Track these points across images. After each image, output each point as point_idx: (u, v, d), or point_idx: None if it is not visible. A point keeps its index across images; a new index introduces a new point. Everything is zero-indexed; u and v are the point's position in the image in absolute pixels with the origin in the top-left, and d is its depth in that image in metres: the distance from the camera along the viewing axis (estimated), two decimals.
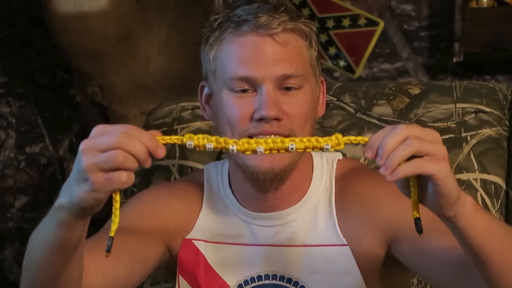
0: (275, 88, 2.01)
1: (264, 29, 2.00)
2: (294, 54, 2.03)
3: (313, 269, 2.11)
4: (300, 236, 2.13)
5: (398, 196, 2.01)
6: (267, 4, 2.03)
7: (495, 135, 2.55)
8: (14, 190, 4.02)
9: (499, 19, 3.42)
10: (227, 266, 2.17)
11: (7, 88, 4.02)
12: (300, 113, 2.04)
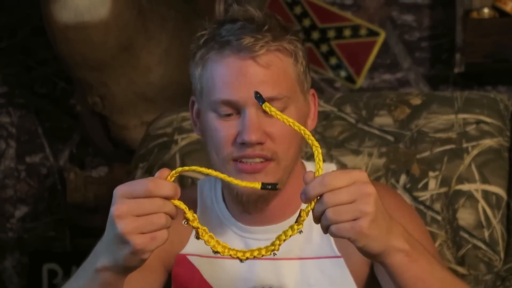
0: (258, 110, 2.00)
1: (246, 52, 1.99)
2: (278, 75, 2.01)
3: (308, 281, 2.12)
4: (295, 249, 2.13)
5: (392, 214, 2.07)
6: (251, 23, 2.00)
7: (496, 146, 2.55)
8: (14, 200, 4.02)
9: (500, 30, 3.42)
10: (222, 280, 2.17)
11: (8, 98, 4.02)
12: (284, 135, 2.03)
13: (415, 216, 2.22)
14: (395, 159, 2.58)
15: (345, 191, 1.67)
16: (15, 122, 4.03)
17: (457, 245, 2.48)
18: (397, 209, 2.09)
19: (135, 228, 1.66)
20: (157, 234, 1.69)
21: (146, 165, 2.74)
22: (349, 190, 1.67)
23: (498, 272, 2.48)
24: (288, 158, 2.06)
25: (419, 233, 2.09)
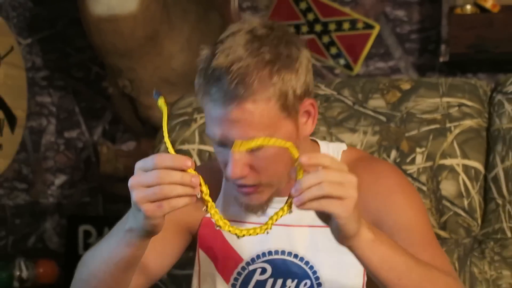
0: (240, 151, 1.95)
1: (223, 106, 1.92)
2: (254, 121, 1.93)
3: (317, 247, 2.10)
4: (306, 218, 2.10)
5: (390, 195, 2.08)
6: (227, 76, 1.90)
7: (475, 126, 2.54)
8: (54, 170, 4.03)
9: (481, 24, 3.40)
10: (241, 242, 2.14)
11: (48, 81, 4.02)
12: (267, 167, 1.98)
13: (414, 197, 2.14)
14: (387, 136, 2.56)
15: (338, 173, 1.70)
16: (55, 102, 4.03)
17: (440, 212, 2.48)
18: (397, 189, 2.09)
19: (143, 197, 1.69)
20: (163, 203, 1.71)
21: (169, 140, 2.74)
22: (341, 174, 1.71)
23: (475, 236, 2.48)
24: (275, 180, 2.02)
25: (414, 214, 2.08)
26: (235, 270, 2.15)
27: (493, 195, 2.49)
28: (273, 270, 2.13)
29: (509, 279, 2.37)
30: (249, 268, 2.14)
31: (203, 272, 2.19)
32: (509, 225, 2.44)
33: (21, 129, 3.83)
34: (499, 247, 2.43)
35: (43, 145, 4.01)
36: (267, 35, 1.95)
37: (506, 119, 2.52)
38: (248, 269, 2.14)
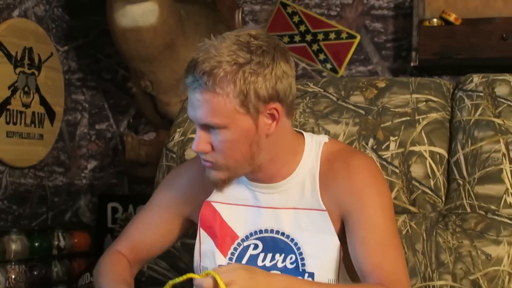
0: (204, 127, 1.99)
1: (193, 91, 1.96)
2: (209, 110, 1.95)
3: (300, 227, 2.08)
4: (291, 201, 2.10)
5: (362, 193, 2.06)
6: (196, 69, 1.94)
7: (440, 118, 2.53)
8: (87, 157, 4.02)
9: (445, 35, 3.39)
10: (237, 221, 2.14)
11: (82, 82, 4.00)
12: (222, 147, 1.99)
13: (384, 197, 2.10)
14: (365, 127, 2.54)
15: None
16: (88, 99, 4.01)
17: (410, 191, 2.46)
18: (369, 189, 2.06)
19: None
20: None
21: (182, 130, 2.72)
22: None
23: (440, 211, 2.47)
24: (230, 164, 2.02)
25: (381, 215, 2.04)
26: (232, 246, 2.14)
27: (455, 176, 2.47)
28: (263, 246, 2.11)
29: (468, 247, 2.36)
30: (244, 244, 2.13)
31: (203, 248, 2.17)
32: (469, 202, 2.42)
33: (59, 122, 3.82)
34: (460, 220, 2.41)
35: (78, 135, 4.00)
36: (248, 42, 1.95)
37: (466, 112, 2.51)
38: (243, 245, 2.13)
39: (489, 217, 2.39)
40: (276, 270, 2.07)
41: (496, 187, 2.41)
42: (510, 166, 2.41)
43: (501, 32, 3.30)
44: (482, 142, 2.46)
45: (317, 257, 2.06)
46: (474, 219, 2.40)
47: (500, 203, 2.39)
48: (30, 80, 3.61)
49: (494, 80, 2.53)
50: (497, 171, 2.42)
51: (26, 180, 3.66)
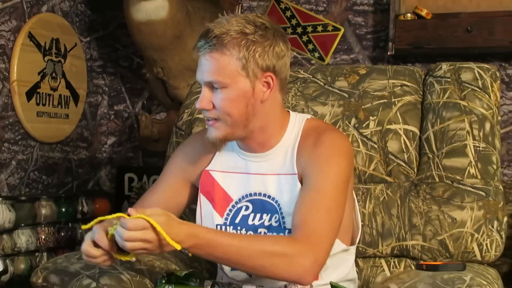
0: (209, 87, 2.02)
1: (201, 51, 2.00)
2: (215, 67, 1.98)
3: (282, 190, 2.09)
4: (275, 168, 2.10)
5: (320, 162, 2.05)
6: (209, 34, 1.98)
7: (413, 100, 2.52)
8: (107, 133, 4.01)
9: (418, 27, 3.38)
10: (231, 186, 2.15)
11: (102, 69, 3.99)
12: (222, 105, 2.01)
13: (339, 169, 2.06)
14: (348, 108, 2.53)
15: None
16: (107, 83, 4.00)
17: (387, 163, 2.46)
18: (328, 159, 2.04)
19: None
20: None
21: (189, 111, 2.72)
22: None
23: (412, 181, 2.47)
24: (230, 119, 2.03)
25: (330, 182, 2.01)
26: (227, 207, 2.15)
27: (425, 151, 2.47)
28: (253, 207, 2.12)
29: (436, 212, 2.37)
30: (237, 206, 2.13)
31: (203, 211, 2.18)
32: (437, 173, 2.42)
33: (82, 104, 3.82)
34: (430, 189, 2.41)
35: (98, 115, 3.99)
36: (254, 20, 2.01)
37: (435, 95, 2.50)
38: (236, 206, 2.14)
39: (454, 186, 2.39)
40: (263, 228, 2.08)
41: (461, 160, 2.41)
42: (473, 142, 2.41)
43: (466, 25, 3.30)
44: (449, 121, 2.45)
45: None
46: (442, 187, 2.40)
47: (464, 174, 2.39)
48: (57, 67, 3.61)
49: (460, 67, 2.53)
50: (462, 146, 2.42)
51: (54, 154, 3.67)
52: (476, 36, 3.28)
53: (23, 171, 3.44)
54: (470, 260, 2.33)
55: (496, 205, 2.36)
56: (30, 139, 3.49)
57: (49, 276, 2.16)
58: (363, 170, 2.47)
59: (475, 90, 2.47)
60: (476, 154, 2.40)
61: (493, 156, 2.41)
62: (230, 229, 2.11)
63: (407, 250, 2.39)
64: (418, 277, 2.02)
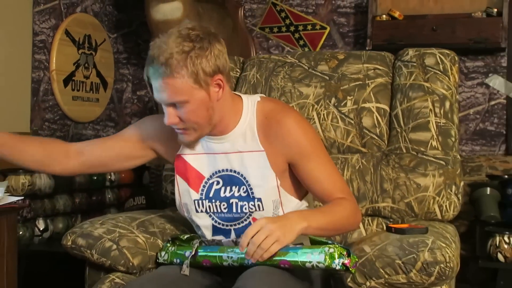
0: (171, 106, 1.90)
1: (154, 77, 1.86)
2: (171, 91, 1.86)
3: (246, 165, 2.02)
4: (236, 147, 2.03)
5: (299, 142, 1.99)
6: (157, 63, 1.86)
7: (384, 82, 2.49)
8: (130, 114, 3.99)
9: (391, 27, 3.35)
10: (201, 166, 2.08)
11: (127, 60, 3.97)
12: (188, 117, 1.92)
13: (313, 138, 2.06)
14: (329, 89, 2.49)
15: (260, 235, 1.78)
16: (131, 73, 3.98)
17: (362, 136, 2.42)
18: (301, 138, 2.01)
19: None
20: None
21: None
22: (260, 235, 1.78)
23: (383, 152, 2.42)
24: (197, 125, 1.96)
25: (316, 152, 2.01)
26: (201, 184, 2.07)
27: (394, 125, 2.43)
28: (223, 182, 2.05)
29: (404, 179, 2.34)
30: (209, 182, 2.07)
31: (181, 189, 2.11)
32: (404, 145, 2.38)
33: (110, 90, 3.81)
34: (398, 159, 2.37)
35: (124, 99, 3.97)
36: (188, 34, 1.88)
37: (403, 78, 2.46)
38: (208, 182, 2.07)
39: (419, 156, 2.36)
40: (234, 199, 2.04)
41: (425, 134, 2.37)
42: (435, 118, 2.38)
43: (432, 25, 3.28)
44: (414, 101, 2.41)
45: (261, 186, 2.01)
46: (408, 158, 2.36)
47: (427, 146, 2.36)
48: (89, 58, 3.62)
49: (424, 53, 2.50)
50: (425, 122, 2.38)
51: (87, 132, 3.66)
52: (440, 34, 3.26)
53: None
54: (432, 219, 2.31)
55: (454, 173, 2.33)
56: (67, 119, 3.49)
57: (76, 239, 2.15)
58: (341, 142, 2.43)
59: (437, 73, 2.43)
60: (437, 129, 2.37)
61: (452, 131, 2.38)
62: (206, 202, 2.06)
63: (379, 211, 2.35)
64: (388, 240, 2.00)
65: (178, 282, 1.91)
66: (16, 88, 3.13)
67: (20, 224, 2.96)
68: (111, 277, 2.08)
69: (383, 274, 1.91)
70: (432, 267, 1.87)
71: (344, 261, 1.78)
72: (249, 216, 2.01)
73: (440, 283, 1.92)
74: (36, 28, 3.24)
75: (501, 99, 3.30)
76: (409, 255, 1.90)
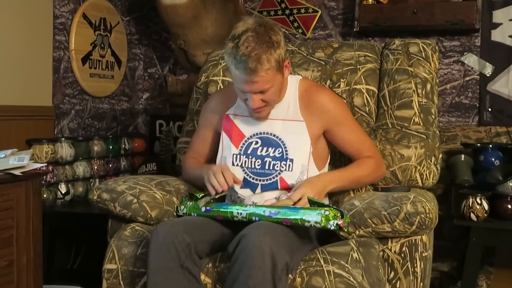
0: (258, 93, 2.03)
1: (253, 75, 1.98)
2: (263, 82, 1.99)
3: (287, 131, 2.13)
4: (280, 115, 2.13)
5: (333, 111, 2.15)
6: (248, 62, 1.95)
7: (373, 67, 2.53)
8: (142, 90, 3.99)
9: (377, 10, 3.34)
10: (244, 126, 2.18)
11: (139, 41, 3.95)
12: (271, 98, 2.07)
13: (344, 108, 2.25)
14: (325, 72, 2.53)
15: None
16: (142, 52, 3.97)
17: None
18: (335, 109, 2.18)
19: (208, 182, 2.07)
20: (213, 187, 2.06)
21: (206, 74, 2.72)
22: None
23: (372, 127, 2.48)
24: (274, 102, 2.12)
25: (348, 119, 2.21)
26: (241, 141, 2.18)
27: (382, 104, 2.48)
28: (261, 142, 2.16)
29: (389, 150, 2.39)
30: (249, 141, 2.16)
31: (224, 143, 2.21)
32: (390, 121, 2.43)
33: (124, 67, 3.80)
34: (384, 133, 2.43)
35: (136, 76, 3.96)
36: (263, 31, 1.98)
37: (390, 63, 2.51)
38: (248, 141, 2.16)
39: (403, 131, 2.41)
40: (269, 157, 2.14)
41: (408, 112, 2.42)
42: (417, 98, 2.42)
43: (413, 8, 3.26)
44: (399, 83, 2.46)
45: (295, 149, 2.12)
46: (394, 132, 2.42)
47: (411, 122, 2.41)
48: (104, 39, 3.60)
49: (408, 43, 2.52)
50: (409, 101, 2.43)
51: (103, 105, 3.66)
52: (420, 16, 3.24)
53: (80, 118, 3.45)
54: (414, 186, 2.36)
55: (434, 145, 2.38)
56: (85, 94, 3.48)
57: (102, 194, 2.20)
58: None
59: (419, 60, 2.47)
60: (419, 107, 2.41)
61: (432, 109, 2.42)
62: (243, 157, 2.15)
63: None
64: (375, 196, 2.08)
65: (201, 226, 2.02)
66: (39, 66, 3.12)
67: (44, 188, 2.99)
68: (131, 225, 2.14)
69: (371, 223, 1.99)
70: (413, 217, 1.94)
71: (338, 222, 1.88)
72: (278, 175, 2.11)
73: (420, 232, 1.99)
74: (56, 12, 3.22)
75: (474, 75, 3.31)
76: (394, 207, 1.97)
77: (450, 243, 3.14)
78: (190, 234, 1.91)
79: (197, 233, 1.95)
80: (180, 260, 1.86)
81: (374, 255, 1.92)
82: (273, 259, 1.75)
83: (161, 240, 1.85)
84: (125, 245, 2.06)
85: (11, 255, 2.29)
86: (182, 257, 1.86)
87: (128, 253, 2.04)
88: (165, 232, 1.87)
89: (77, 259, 3.37)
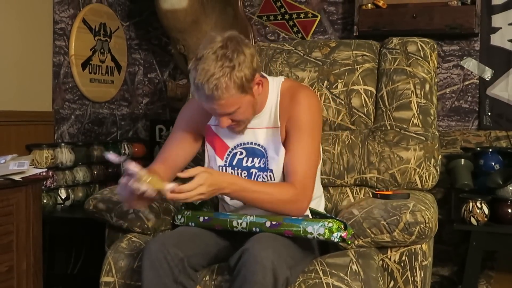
0: (224, 115, 1.94)
1: (213, 102, 1.88)
2: (227, 106, 1.89)
3: (269, 140, 2.05)
4: (263, 124, 2.05)
5: (299, 115, 2.00)
6: (206, 90, 1.84)
7: (371, 67, 2.49)
8: (142, 95, 3.97)
9: (376, 15, 3.32)
10: (227, 137, 2.10)
11: (138, 46, 3.94)
12: (241, 118, 1.97)
13: (314, 121, 2.03)
14: (322, 73, 2.49)
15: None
16: (142, 57, 3.95)
17: (351, 115, 2.43)
18: (303, 113, 2.00)
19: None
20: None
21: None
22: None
23: (370, 128, 2.43)
24: (247, 119, 2.01)
25: (307, 133, 2.00)
26: (226, 152, 2.10)
27: (380, 105, 2.43)
28: (246, 153, 2.08)
29: (388, 152, 2.35)
30: (233, 152, 2.09)
31: (209, 154, 2.13)
32: (389, 122, 2.39)
33: (124, 72, 3.79)
34: (383, 134, 2.38)
35: (136, 81, 3.94)
36: (224, 53, 1.84)
37: (388, 63, 2.47)
38: (233, 152, 2.09)
39: (402, 132, 2.37)
40: (254, 168, 2.05)
41: (407, 113, 2.38)
42: (416, 99, 2.38)
43: (412, 13, 3.26)
44: (398, 83, 2.42)
45: (274, 158, 2.03)
46: (392, 134, 2.37)
47: (409, 123, 2.37)
48: (104, 44, 3.60)
49: (406, 41, 2.49)
50: (408, 102, 2.39)
51: (103, 110, 3.65)
52: (419, 21, 3.24)
53: (80, 123, 3.43)
54: (413, 188, 2.33)
55: (433, 147, 2.34)
56: (85, 99, 3.48)
57: (97, 204, 2.18)
58: (333, 120, 2.44)
59: (418, 59, 2.43)
60: (418, 108, 2.37)
61: (431, 110, 2.39)
62: (229, 169, 2.07)
63: (366, 181, 2.37)
64: (374, 204, 2.03)
65: (194, 239, 1.96)
66: (39, 71, 3.12)
67: (44, 193, 2.98)
68: (128, 236, 2.11)
69: (370, 233, 1.95)
70: (413, 227, 1.91)
71: (342, 234, 1.83)
72: None
73: (420, 242, 1.96)
74: (56, 17, 3.22)
75: (474, 79, 3.30)
76: (393, 217, 1.93)
77: (451, 247, 3.12)
78: (183, 248, 1.87)
79: (191, 246, 1.91)
80: (174, 276, 1.83)
81: (374, 266, 1.89)
82: (275, 274, 1.72)
83: (153, 256, 1.82)
84: (122, 258, 2.03)
85: (11, 261, 2.29)
86: (175, 272, 1.83)
87: (125, 266, 2.01)
88: (157, 248, 1.83)
89: (77, 264, 3.34)
